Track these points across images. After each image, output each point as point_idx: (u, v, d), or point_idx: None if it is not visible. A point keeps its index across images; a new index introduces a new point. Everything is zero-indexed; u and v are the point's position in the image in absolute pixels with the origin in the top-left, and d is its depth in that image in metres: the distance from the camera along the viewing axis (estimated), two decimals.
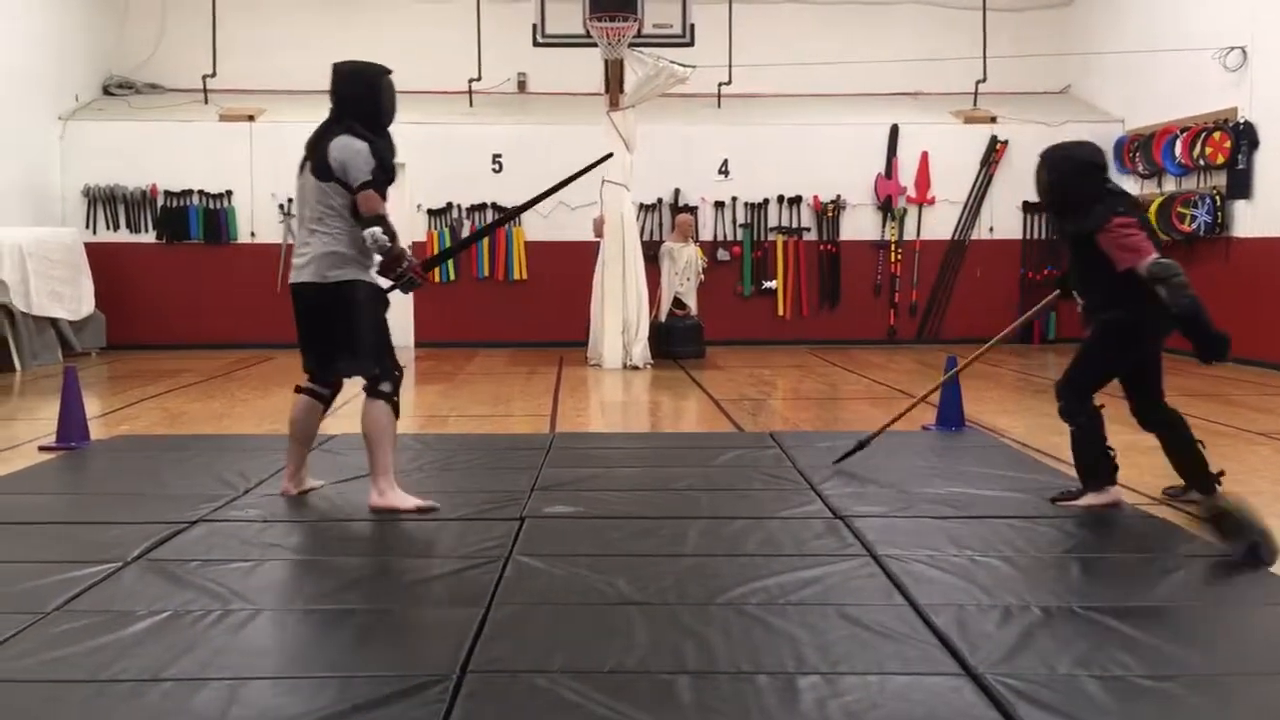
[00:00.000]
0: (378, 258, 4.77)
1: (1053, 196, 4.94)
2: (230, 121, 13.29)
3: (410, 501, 4.86)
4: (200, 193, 13.29)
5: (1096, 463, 4.93)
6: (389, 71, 4.98)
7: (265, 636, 3.31)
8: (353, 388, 5.23)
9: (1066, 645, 3.22)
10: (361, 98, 4.85)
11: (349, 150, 4.69)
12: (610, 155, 6.53)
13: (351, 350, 4.81)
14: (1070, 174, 4.84)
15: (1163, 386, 5.09)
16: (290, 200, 13.19)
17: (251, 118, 13.33)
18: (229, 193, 13.31)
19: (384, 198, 4.74)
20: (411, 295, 13.41)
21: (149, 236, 13.26)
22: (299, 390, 5.10)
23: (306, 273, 4.82)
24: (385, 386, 4.82)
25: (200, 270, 13.27)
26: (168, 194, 13.25)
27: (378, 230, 4.59)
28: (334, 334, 4.82)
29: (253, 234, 13.36)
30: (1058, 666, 3.05)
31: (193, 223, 13.26)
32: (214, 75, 13.58)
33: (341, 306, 4.76)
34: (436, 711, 2.75)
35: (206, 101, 13.57)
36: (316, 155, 4.78)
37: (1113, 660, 3.09)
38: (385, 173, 4.74)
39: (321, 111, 5.11)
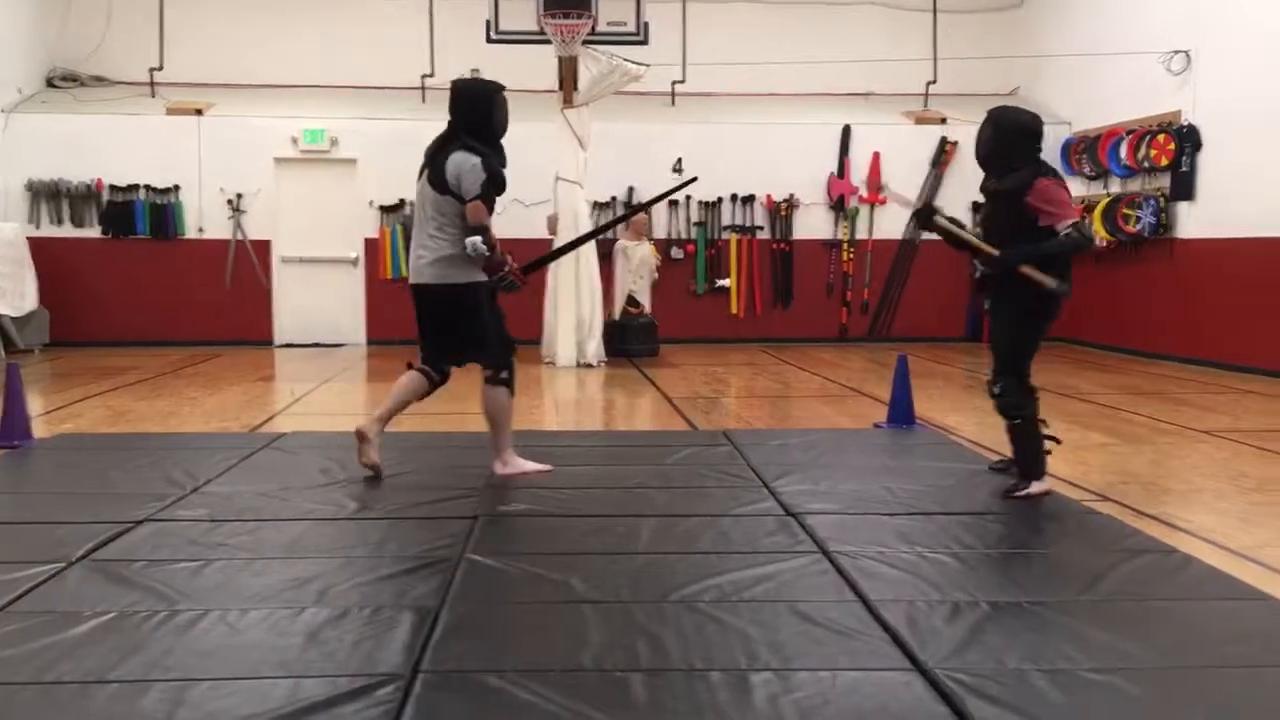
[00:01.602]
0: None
1: (989, 150, 5.08)
2: (178, 115, 13.10)
3: (531, 466, 5.49)
4: (147, 187, 13.08)
5: (1041, 454, 5.08)
6: (502, 89, 5.38)
7: (213, 637, 3.27)
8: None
9: (1014, 640, 3.27)
10: (476, 114, 5.27)
11: (464, 166, 5.13)
12: (695, 179, 7.08)
13: (477, 345, 5.37)
14: (1011, 132, 5.03)
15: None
16: (239, 195, 13.14)
17: (200, 111, 13.15)
18: (176, 187, 13.12)
19: (493, 206, 5.23)
20: (363, 290, 13.39)
21: (94, 231, 13.03)
22: (411, 366, 5.54)
23: (425, 275, 5.36)
24: (505, 375, 5.38)
25: (147, 266, 13.06)
26: (113, 188, 13.04)
27: (478, 240, 5.11)
28: (456, 331, 5.35)
29: (201, 230, 13.17)
30: (1006, 661, 3.09)
31: (139, 218, 13.05)
32: (161, 68, 13.39)
33: (464, 308, 5.29)
34: (388, 712, 2.73)
35: (153, 95, 13.37)
36: (434, 168, 5.24)
37: (1059, 654, 3.14)
38: (495, 185, 5.18)
39: (272, 105, 5.13)
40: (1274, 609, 3.58)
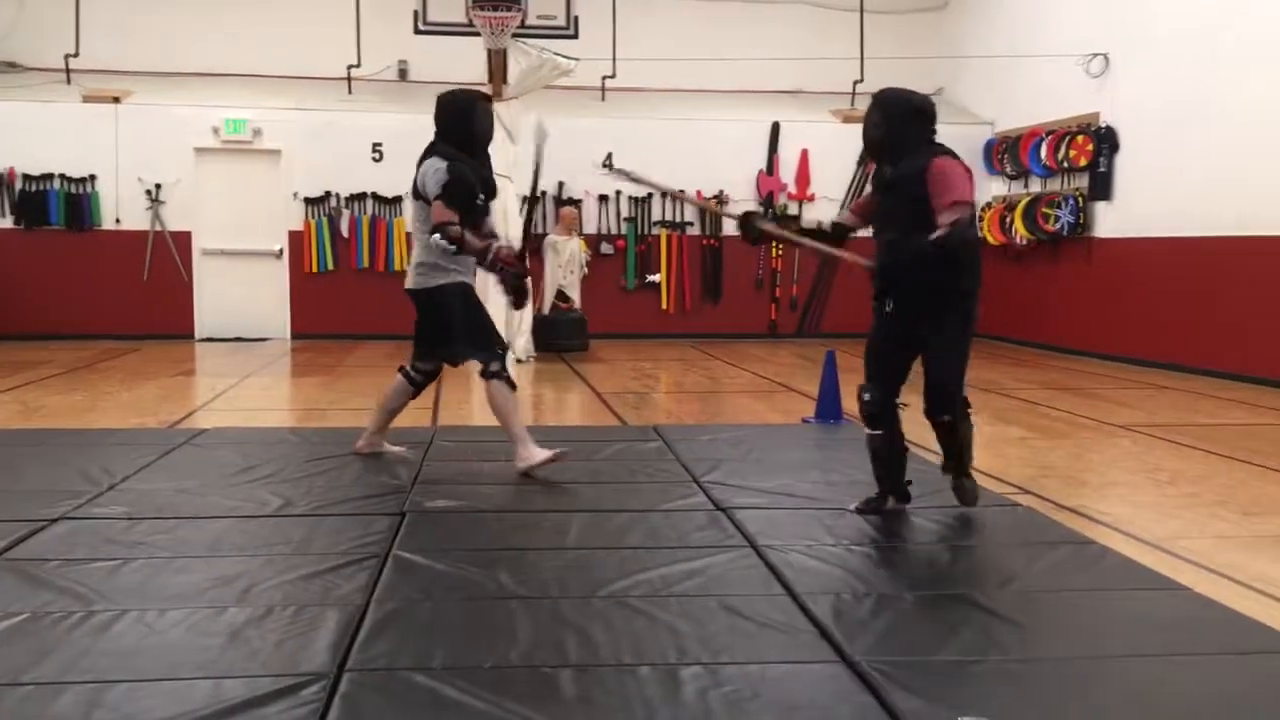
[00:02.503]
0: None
1: (879, 135, 4.60)
2: (94, 103, 12.75)
3: (545, 454, 5.37)
4: (62, 177, 12.72)
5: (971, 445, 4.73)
6: (483, 98, 5.62)
7: (131, 638, 3.18)
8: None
9: (938, 631, 3.32)
10: (453, 123, 5.42)
11: (429, 170, 5.27)
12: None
13: (449, 341, 5.48)
14: (899, 115, 4.57)
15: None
16: (158, 186, 12.85)
17: (117, 99, 12.81)
18: (92, 177, 12.78)
19: (465, 209, 5.24)
20: (288, 283, 13.17)
21: (6, 222, 12.64)
22: (399, 369, 5.81)
23: (408, 280, 5.52)
24: (494, 366, 5.40)
25: (62, 257, 12.70)
26: (26, 177, 12.66)
27: (437, 236, 5.17)
28: (433, 331, 5.52)
29: (118, 220, 12.85)
30: (929, 652, 3.14)
31: (53, 208, 12.68)
32: (77, 55, 13.01)
33: (434, 308, 5.43)
34: (313, 711, 2.69)
35: (69, 82, 12.99)
36: (415, 177, 5.39)
37: (982, 645, 3.20)
38: (459, 186, 5.22)
39: (192, 94, 5.02)
40: (1188, 599, 3.68)
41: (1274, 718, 2.83)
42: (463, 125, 5.40)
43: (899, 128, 4.55)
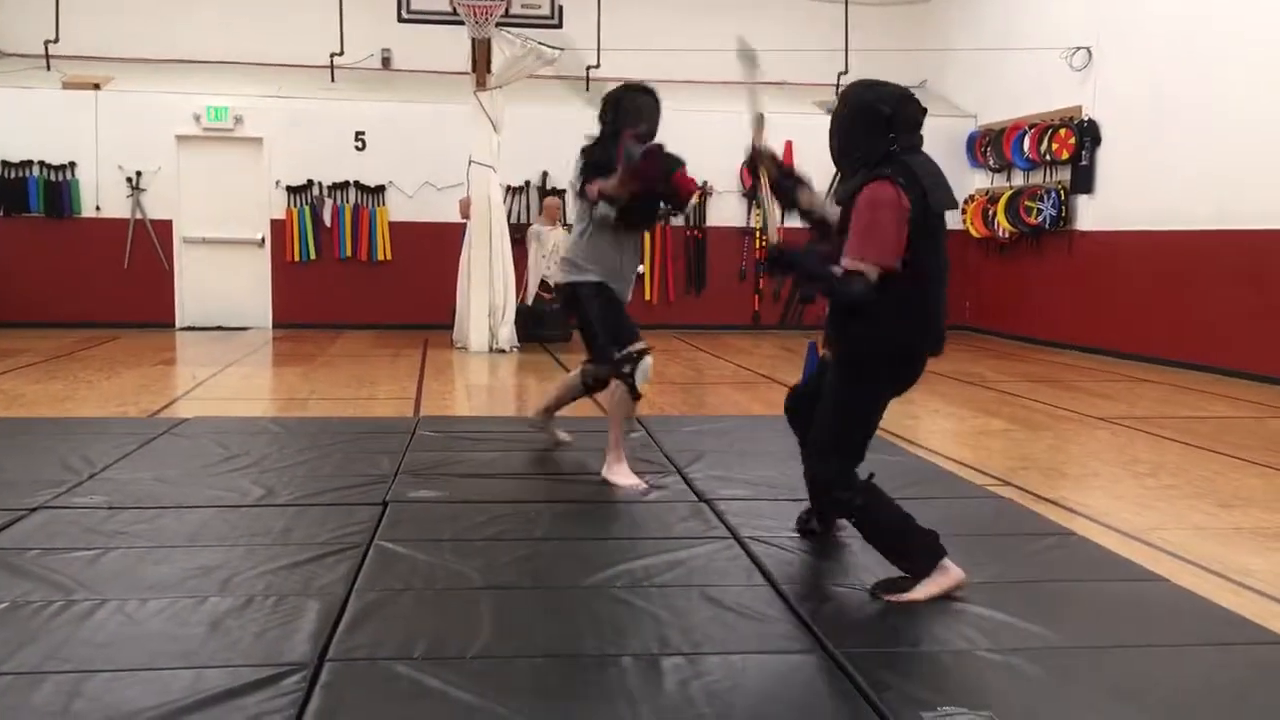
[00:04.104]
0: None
1: (831, 144, 3.69)
2: (74, 89, 12.65)
3: (628, 481, 5.10)
4: (41, 164, 12.62)
5: (917, 537, 3.55)
6: (636, 89, 5.50)
7: (111, 628, 3.17)
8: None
9: (917, 621, 3.33)
10: (603, 115, 5.37)
11: (576, 165, 5.27)
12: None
13: (586, 340, 5.42)
14: (851, 118, 3.61)
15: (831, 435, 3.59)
16: (139, 174, 12.76)
17: (97, 86, 12.71)
18: (72, 164, 12.68)
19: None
20: (270, 271, 13.10)
21: None
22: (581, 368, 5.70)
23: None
24: (626, 369, 5.21)
25: (41, 245, 12.61)
26: (5, 164, 12.55)
27: (602, 205, 5.10)
28: (580, 327, 5.48)
29: (98, 208, 12.75)
30: (909, 643, 3.16)
31: (32, 195, 12.58)
32: (56, 40, 12.90)
33: (573, 305, 5.35)
34: (294, 701, 2.68)
35: (48, 68, 12.88)
36: None
37: (961, 635, 3.22)
38: (594, 162, 5.16)
39: (173, 81, 4.94)
40: (1166, 590, 3.71)
41: (1251, 708, 2.85)
42: (612, 116, 5.30)
43: (854, 133, 3.62)
